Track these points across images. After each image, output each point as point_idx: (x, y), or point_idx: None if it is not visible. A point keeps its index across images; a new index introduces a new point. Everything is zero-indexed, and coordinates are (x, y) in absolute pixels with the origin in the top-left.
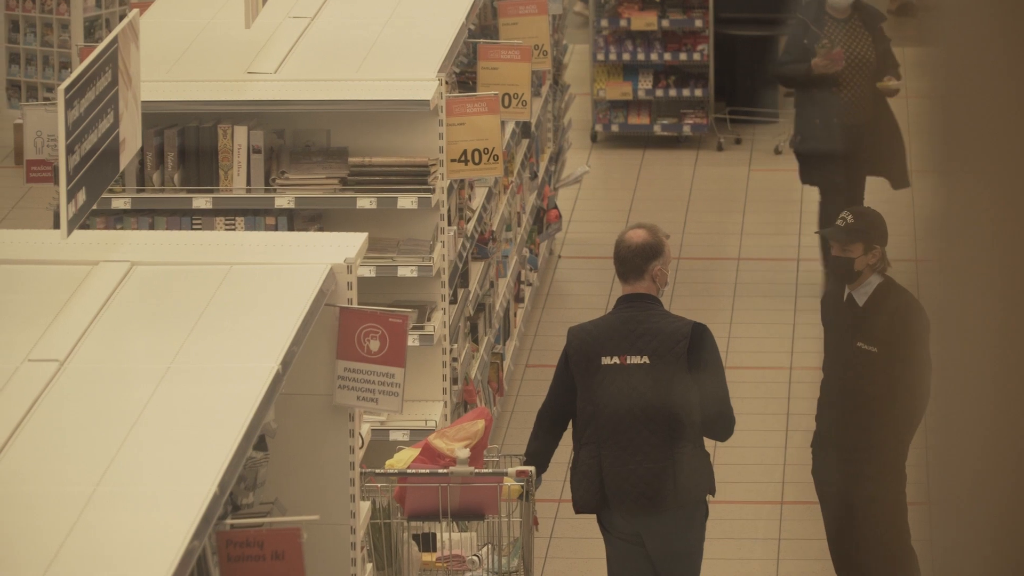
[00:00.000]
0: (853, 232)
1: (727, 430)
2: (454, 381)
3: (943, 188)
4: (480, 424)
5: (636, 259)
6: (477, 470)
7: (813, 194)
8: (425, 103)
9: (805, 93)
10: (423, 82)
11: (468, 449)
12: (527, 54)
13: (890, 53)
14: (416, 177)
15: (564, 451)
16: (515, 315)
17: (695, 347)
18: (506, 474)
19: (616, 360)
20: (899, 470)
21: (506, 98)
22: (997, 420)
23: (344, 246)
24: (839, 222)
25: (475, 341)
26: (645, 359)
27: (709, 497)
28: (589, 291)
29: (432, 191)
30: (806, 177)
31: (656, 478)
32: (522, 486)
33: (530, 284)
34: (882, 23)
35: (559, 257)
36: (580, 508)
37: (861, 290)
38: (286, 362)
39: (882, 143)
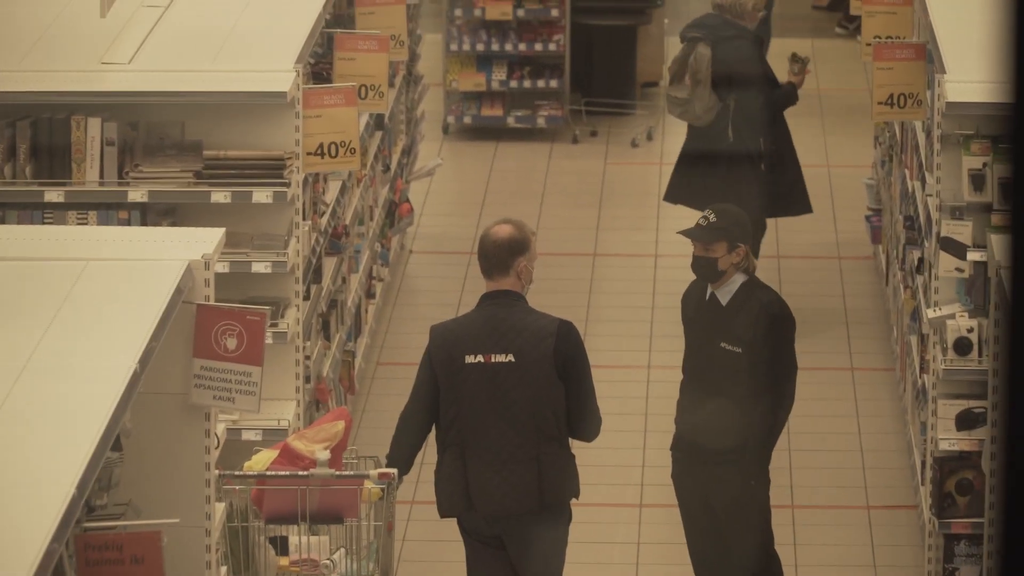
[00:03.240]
0: (715, 231)
1: (594, 430)
2: (307, 380)
3: None
4: (340, 425)
5: (501, 254)
6: (338, 472)
7: None
8: (282, 95)
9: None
10: (280, 73)
11: (328, 451)
12: (385, 44)
13: None
14: (272, 171)
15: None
16: (366, 311)
17: (561, 345)
18: (368, 476)
19: (480, 359)
20: (763, 473)
21: (363, 89)
22: None
23: (201, 242)
24: (701, 221)
25: (327, 338)
26: (510, 357)
27: (572, 500)
28: (441, 287)
29: (288, 185)
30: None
31: (521, 480)
32: (382, 489)
33: (381, 280)
34: None
35: (410, 252)
36: (445, 512)
37: (724, 289)
38: (143, 361)
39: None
